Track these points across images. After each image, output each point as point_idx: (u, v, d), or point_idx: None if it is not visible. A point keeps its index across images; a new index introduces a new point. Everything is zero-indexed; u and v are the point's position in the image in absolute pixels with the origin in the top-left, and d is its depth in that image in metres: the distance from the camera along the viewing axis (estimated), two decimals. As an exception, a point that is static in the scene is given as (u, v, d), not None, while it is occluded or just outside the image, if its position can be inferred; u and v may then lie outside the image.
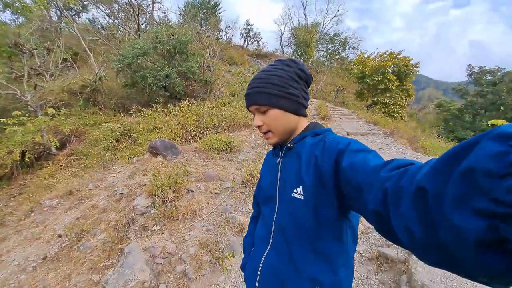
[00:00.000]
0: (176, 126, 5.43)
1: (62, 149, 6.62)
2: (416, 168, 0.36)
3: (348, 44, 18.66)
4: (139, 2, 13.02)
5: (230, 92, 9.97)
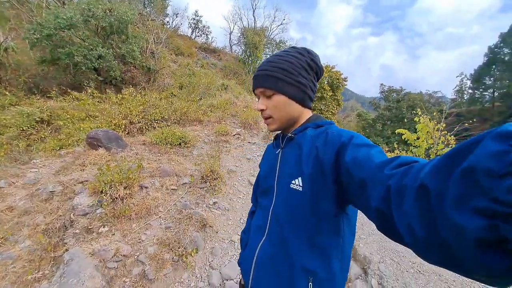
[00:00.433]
0: (117, 115, 4.76)
1: None
2: (419, 166, 0.36)
3: (291, 52, 20.18)
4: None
5: (177, 84, 9.36)
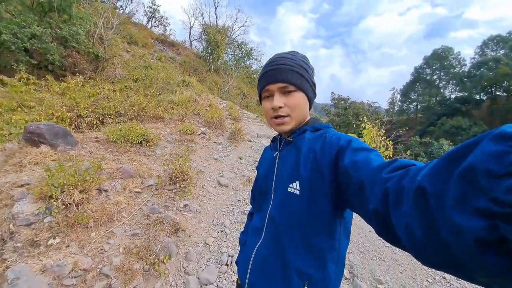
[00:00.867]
0: (60, 107, 4.06)
1: None
2: (417, 168, 0.36)
3: (252, 55, 20.55)
4: None
5: (132, 76, 8.52)
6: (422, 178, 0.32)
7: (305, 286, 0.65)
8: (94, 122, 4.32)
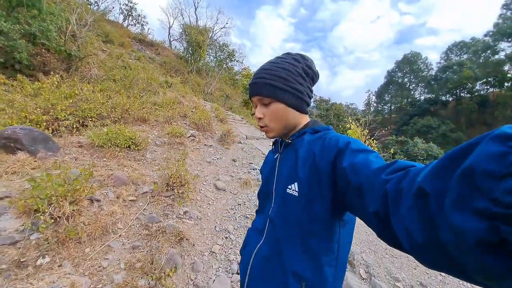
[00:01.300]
0: (33, 109, 3.66)
1: None
2: (416, 170, 0.36)
3: (234, 56, 20.45)
4: None
5: (109, 76, 8.02)
6: (422, 179, 0.32)
7: None
8: (74, 126, 3.95)
